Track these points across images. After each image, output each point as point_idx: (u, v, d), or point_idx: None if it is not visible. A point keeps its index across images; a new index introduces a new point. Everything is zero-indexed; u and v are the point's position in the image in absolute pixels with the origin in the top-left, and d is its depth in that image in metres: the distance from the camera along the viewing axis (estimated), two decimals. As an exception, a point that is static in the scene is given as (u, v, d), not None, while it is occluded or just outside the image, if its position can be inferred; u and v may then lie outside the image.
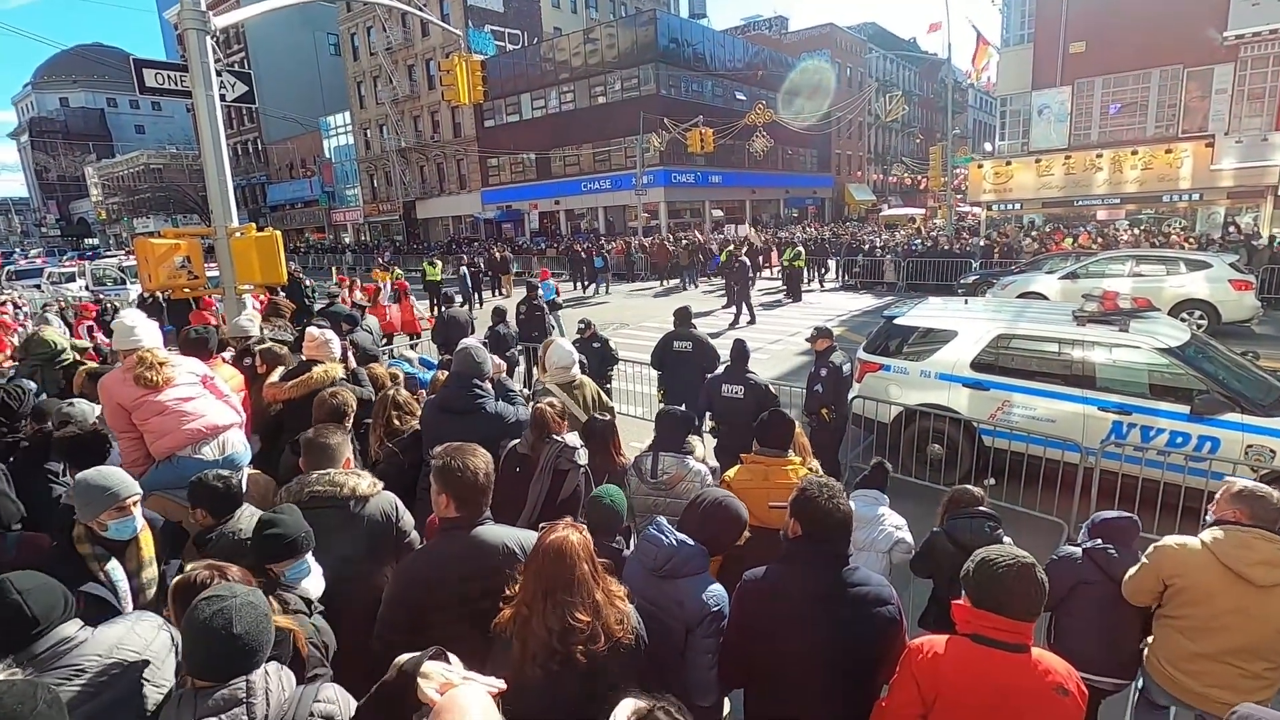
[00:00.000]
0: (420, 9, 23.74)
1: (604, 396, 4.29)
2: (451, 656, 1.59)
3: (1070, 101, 24.63)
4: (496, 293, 22.96)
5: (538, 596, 1.98)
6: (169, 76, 7.10)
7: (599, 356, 7.40)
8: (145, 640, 1.95)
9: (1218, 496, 2.88)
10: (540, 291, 10.71)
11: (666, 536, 2.36)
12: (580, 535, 2.06)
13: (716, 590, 2.32)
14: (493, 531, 2.39)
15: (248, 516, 2.86)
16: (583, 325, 7.83)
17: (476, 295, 20.68)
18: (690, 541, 2.36)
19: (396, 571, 2.39)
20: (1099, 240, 20.11)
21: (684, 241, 25.45)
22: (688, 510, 2.57)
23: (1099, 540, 3.10)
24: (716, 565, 3.01)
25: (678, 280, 23.86)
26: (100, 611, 2.27)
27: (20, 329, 10.79)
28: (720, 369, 5.77)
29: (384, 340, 11.88)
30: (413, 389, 5.04)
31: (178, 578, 2.08)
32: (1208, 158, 22.38)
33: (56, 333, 6.30)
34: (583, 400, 4.62)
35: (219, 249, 7.07)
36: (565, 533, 2.04)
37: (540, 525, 2.17)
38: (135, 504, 2.50)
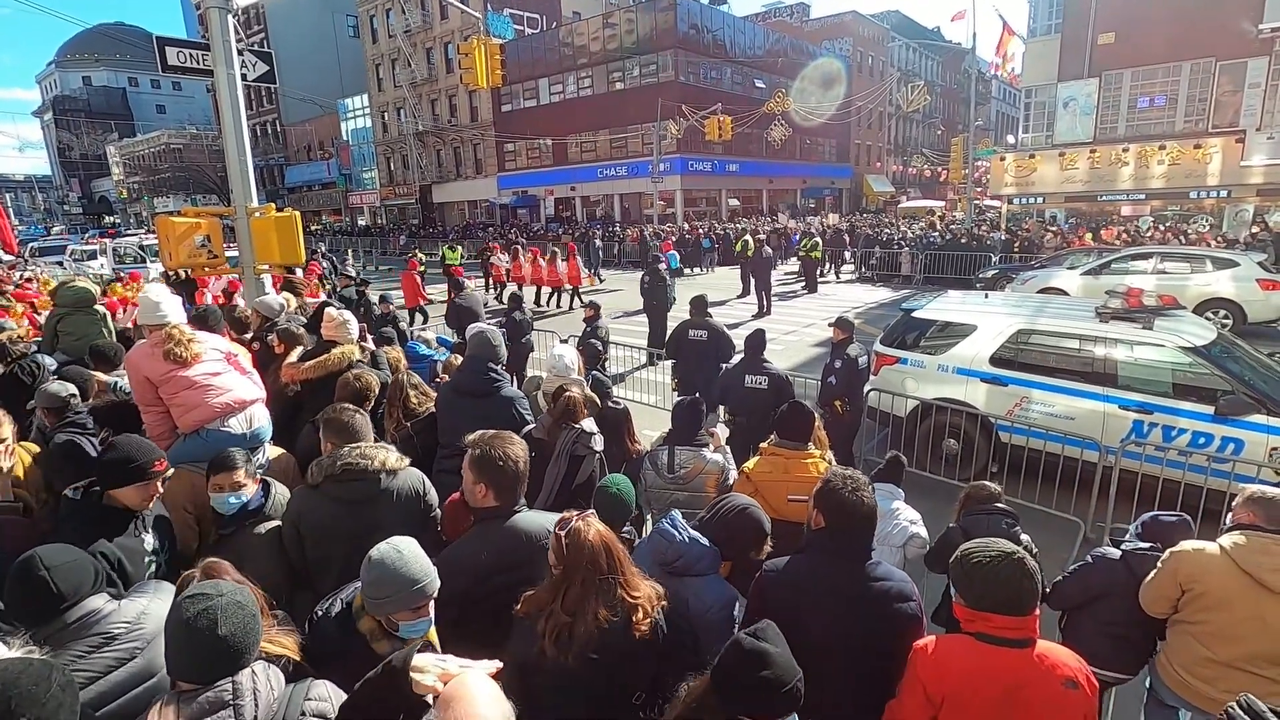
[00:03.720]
0: (440, -9, 23.63)
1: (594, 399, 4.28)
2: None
3: (1097, 94, 24.12)
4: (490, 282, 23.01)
5: (590, 592, 1.98)
6: (191, 55, 7.09)
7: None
8: (166, 613, 1.98)
9: (1234, 502, 2.84)
10: (664, 262, 12.55)
11: (679, 533, 2.34)
12: (601, 524, 2.08)
13: (727, 595, 2.30)
14: (532, 519, 2.40)
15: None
16: (586, 306, 7.79)
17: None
18: (703, 540, 2.34)
19: (443, 562, 2.39)
20: (1122, 236, 19.76)
21: (770, 228, 27.97)
22: (710, 514, 2.54)
23: (1146, 543, 3.01)
24: (726, 567, 3.01)
25: None
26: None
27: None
28: (738, 359, 5.75)
29: (549, 295, 17.28)
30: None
31: (185, 573, 2.03)
32: (1238, 153, 21.87)
33: (89, 282, 6.38)
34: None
35: (239, 229, 7.10)
36: (593, 524, 2.05)
37: (560, 520, 2.14)
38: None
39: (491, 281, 19.37)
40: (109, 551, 2.31)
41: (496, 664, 1.48)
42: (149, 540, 2.49)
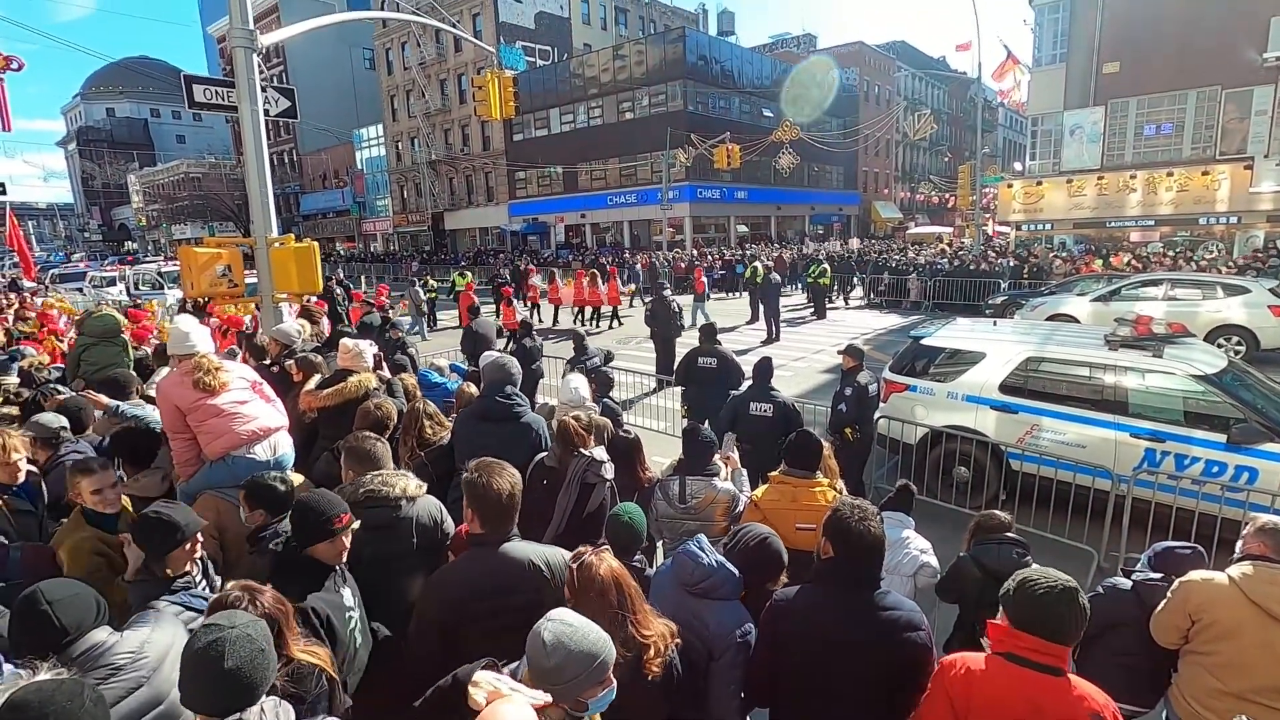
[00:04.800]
0: (453, 26, 24.26)
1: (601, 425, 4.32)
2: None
3: (1104, 122, 24.30)
4: (523, 304, 23.24)
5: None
6: (216, 92, 7.34)
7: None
8: (167, 641, 2.01)
9: (1244, 531, 2.84)
10: (669, 289, 13.02)
11: (706, 555, 2.38)
12: (614, 560, 2.12)
13: (745, 621, 2.33)
14: (519, 548, 2.43)
15: None
16: (575, 338, 7.47)
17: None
18: (729, 566, 2.38)
19: (426, 587, 2.44)
20: (1133, 263, 19.74)
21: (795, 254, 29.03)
22: (731, 543, 2.58)
23: (1157, 574, 2.99)
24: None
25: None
26: None
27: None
28: (744, 387, 5.78)
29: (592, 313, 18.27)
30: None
31: (215, 596, 2.04)
32: (1246, 180, 21.92)
33: (115, 311, 6.51)
34: None
35: (258, 258, 7.26)
36: (605, 559, 2.08)
37: (574, 554, 2.17)
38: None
39: (526, 303, 19.99)
40: (319, 608, 2.19)
41: (546, 697, 1.55)
42: (347, 595, 2.37)
